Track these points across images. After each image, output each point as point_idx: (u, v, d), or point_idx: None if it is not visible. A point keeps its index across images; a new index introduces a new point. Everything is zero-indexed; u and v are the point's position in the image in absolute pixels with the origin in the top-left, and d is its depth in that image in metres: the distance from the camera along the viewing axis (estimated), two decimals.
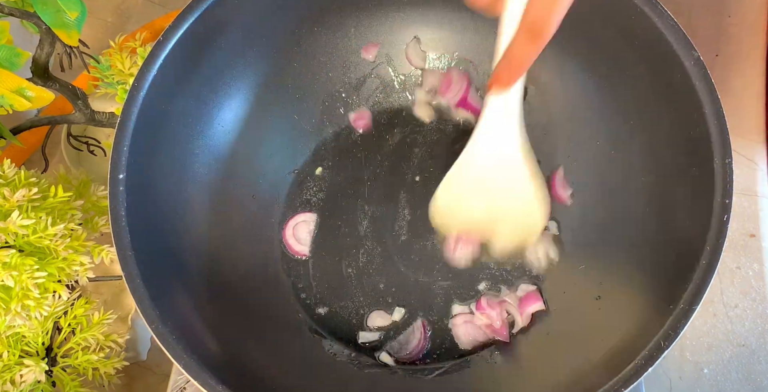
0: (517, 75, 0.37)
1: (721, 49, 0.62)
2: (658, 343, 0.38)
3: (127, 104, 0.43)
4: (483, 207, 0.47)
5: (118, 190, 0.41)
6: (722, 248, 0.39)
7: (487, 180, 0.45)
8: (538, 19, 0.32)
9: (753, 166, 0.59)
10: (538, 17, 0.32)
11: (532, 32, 0.33)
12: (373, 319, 0.53)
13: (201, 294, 0.47)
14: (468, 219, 0.49)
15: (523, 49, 0.34)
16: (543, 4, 0.31)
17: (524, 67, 0.36)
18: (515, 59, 0.35)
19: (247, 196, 0.55)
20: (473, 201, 0.47)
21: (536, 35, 0.33)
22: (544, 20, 0.32)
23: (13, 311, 0.42)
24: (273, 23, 0.52)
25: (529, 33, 0.33)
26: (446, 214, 0.49)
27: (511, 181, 0.45)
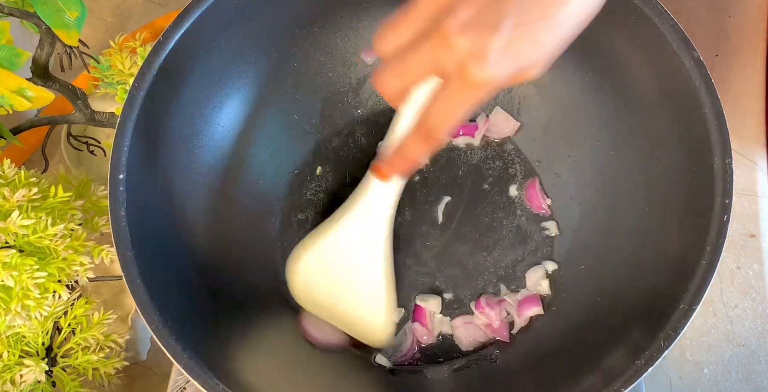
0: (404, 169, 0.38)
1: (721, 49, 0.62)
2: (658, 343, 0.39)
3: (127, 104, 0.43)
4: (336, 291, 0.46)
5: (118, 190, 0.41)
6: (722, 248, 0.39)
7: (345, 265, 0.45)
8: (433, 126, 0.33)
9: (753, 166, 0.59)
10: (433, 124, 0.33)
11: (426, 135, 0.34)
12: None
13: (201, 294, 0.47)
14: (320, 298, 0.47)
15: (415, 147, 0.36)
16: (439, 114, 0.33)
17: (412, 164, 0.37)
18: (406, 155, 0.36)
19: (247, 195, 0.55)
20: (329, 283, 0.46)
21: (430, 139, 0.34)
22: (439, 128, 0.33)
23: (13, 311, 0.42)
24: (273, 23, 0.52)
25: (423, 135, 0.34)
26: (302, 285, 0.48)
27: (366, 273, 0.44)
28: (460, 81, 0.31)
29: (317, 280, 0.46)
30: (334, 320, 0.48)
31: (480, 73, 0.30)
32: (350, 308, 0.46)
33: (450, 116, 0.33)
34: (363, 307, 0.46)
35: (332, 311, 0.47)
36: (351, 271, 0.45)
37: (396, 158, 0.38)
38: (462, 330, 0.52)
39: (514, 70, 0.30)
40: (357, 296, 0.45)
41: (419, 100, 0.34)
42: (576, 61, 0.51)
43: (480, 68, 0.29)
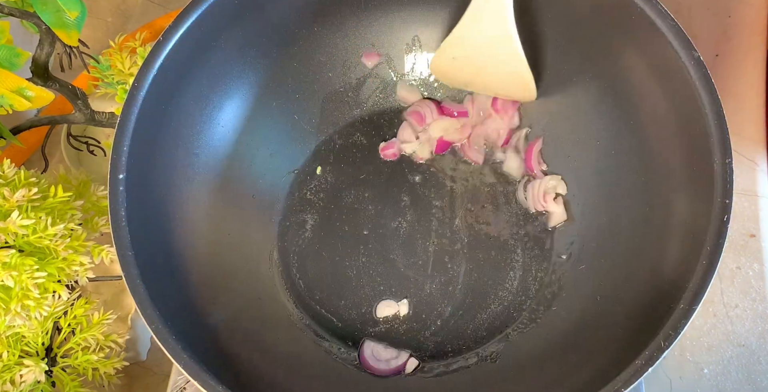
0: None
1: (721, 49, 0.62)
2: (658, 343, 0.38)
3: (127, 104, 0.43)
4: (478, 75, 0.51)
5: (118, 189, 0.41)
6: (722, 248, 0.39)
7: (481, 54, 0.49)
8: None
9: (753, 166, 0.59)
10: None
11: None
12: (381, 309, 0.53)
13: (201, 294, 0.47)
14: (465, 77, 0.53)
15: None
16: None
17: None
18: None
19: (247, 195, 0.55)
20: (467, 68, 0.52)
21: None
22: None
23: (13, 311, 0.42)
24: (273, 23, 0.52)
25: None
26: (443, 69, 0.53)
27: (504, 57, 0.49)
28: None
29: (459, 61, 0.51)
30: (480, 88, 0.55)
31: None
32: (494, 75, 0.51)
33: None
34: (506, 72, 0.50)
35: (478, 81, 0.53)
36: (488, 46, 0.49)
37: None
38: None
39: None
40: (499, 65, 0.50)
41: None
42: (576, 61, 0.51)
43: None
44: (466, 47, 0.49)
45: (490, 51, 0.49)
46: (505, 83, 0.52)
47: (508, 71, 0.50)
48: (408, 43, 0.58)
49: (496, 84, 0.53)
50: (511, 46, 0.47)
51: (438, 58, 0.52)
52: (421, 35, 0.57)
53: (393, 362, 0.51)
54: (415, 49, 0.58)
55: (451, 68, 0.53)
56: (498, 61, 0.50)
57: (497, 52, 0.49)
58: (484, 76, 0.52)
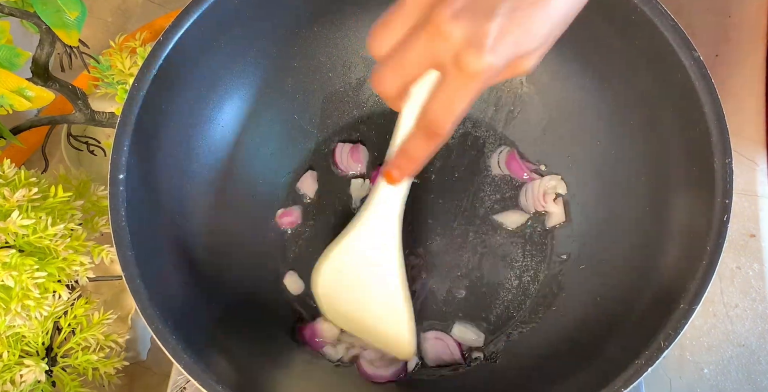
0: (412, 170, 0.37)
1: (721, 49, 0.62)
2: (658, 343, 0.38)
3: (127, 104, 0.43)
4: (357, 303, 0.46)
5: (118, 189, 0.41)
6: (722, 248, 0.39)
7: (362, 274, 0.44)
8: (435, 122, 0.33)
9: (753, 166, 0.59)
10: (435, 120, 0.33)
11: (428, 132, 0.34)
12: None
13: (201, 294, 0.47)
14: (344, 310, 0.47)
15: (419, 146, 0.35)
16: (440, 109, 0.32)
17: (419, 163, 0.36)
18: (412, 155, 0.36)
19: (247, 195, 0.55)
20: (350, 295, 0.46)
21: (433, 135, 0.34)
22: (441, 123, 0.33)
23: (13, 311, 0.42)
24: (273, 23, 0.52)
25: (427, 132, 0.34)
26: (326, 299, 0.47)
27: (383, 286, 0.44)
28: (458, 72, 0.30)
29: (339, 293, 0.46)
30: (360, 333, 0.48)
31: (477, 61, 0.29)
32: (373, 320, 0.46)
33: (451, 110, 0.32)
34: (385, 319, 0.45)
35: (357, 324, 0.47)
36: (369, 281, 0.44)
37: (401, 159, 0.37)
38: (431, 343, 0.51)
39: (511, 58, 0.30)
40: (378, 307, 0.45)
41: (420, 99, 0.34)
42: (576, 61, 0.51)
43: (477, 56, 0.29)
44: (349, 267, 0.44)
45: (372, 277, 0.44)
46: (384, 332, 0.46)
47: (388, 317, 0.45)
48: None
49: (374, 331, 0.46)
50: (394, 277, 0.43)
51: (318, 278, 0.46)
52: None
53: (392, 367, 0.50)
54: None
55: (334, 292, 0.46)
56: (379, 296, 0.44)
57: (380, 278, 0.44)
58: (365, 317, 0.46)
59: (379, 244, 0.43)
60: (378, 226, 0.42)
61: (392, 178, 0.39)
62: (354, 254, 0.44)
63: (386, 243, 0.43)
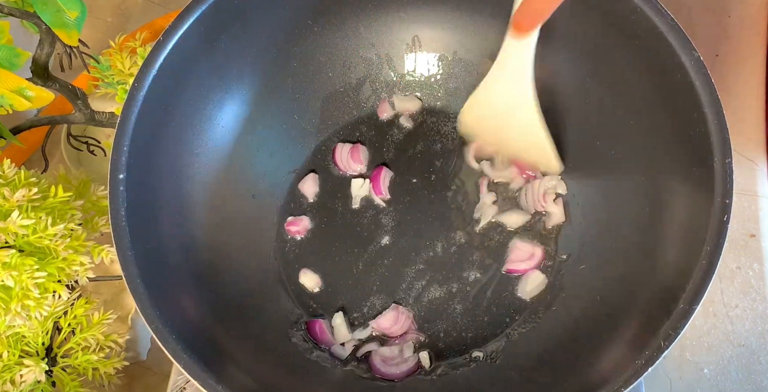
0: (538, 20, 0.38)
1: (721, 49, 0.62)
2: (658, 343, 0.38)
3: (127, 104, 0.43)
4: (501, 136, 0.51)
5: (118, 189, 0.41)
6: (722, 248, 0.39)
7: (501, 116, 0.48)
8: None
9: (753, 166, 0.59)
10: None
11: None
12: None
13: (201, 294, 0.47)
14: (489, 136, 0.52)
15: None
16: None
17: (545, 14, 0.37)
18: (537, 5, 0.37)
19: (247, 195, 0.55)
20: (492, 129, 0.51)
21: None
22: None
23: (13, 311, 0.42)
24: (273, 23, 0.52)
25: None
26: (470, 128, 0.52)
27: (523, 123, 0.48)
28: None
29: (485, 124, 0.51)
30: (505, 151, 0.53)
31: None
32: (517, 141, 0.51)
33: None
34: (528, 141, 0.50)
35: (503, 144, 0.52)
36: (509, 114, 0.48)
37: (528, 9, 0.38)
38: None
39: None
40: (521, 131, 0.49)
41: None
42: (575, 61, 0.51)
43: None
44: (490, 108, 0.49)
45: (511, 116, 0.49)
46: (528, 151, 0.52)
47: (529, 139, 0.50)
48: (408, 43, 0.58)
49: (521, 150, 0.52)
50: (532, 116, 0.47)
51: (464, 116, 0.52)
52: (421, 35, 0.57)
53: (403, 366, 0.51)
54: (415, 49, 0.58)
55: (478, 127, 0.52)
56: (519, 127, 0.49)
57: (518, 118, 0.48)
58: (509, 141, 0.52)
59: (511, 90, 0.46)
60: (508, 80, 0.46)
61: (522, 27, 0.40)
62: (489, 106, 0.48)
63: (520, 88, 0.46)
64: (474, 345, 0.52)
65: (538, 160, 0.52)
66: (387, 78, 0.59)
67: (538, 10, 0.38)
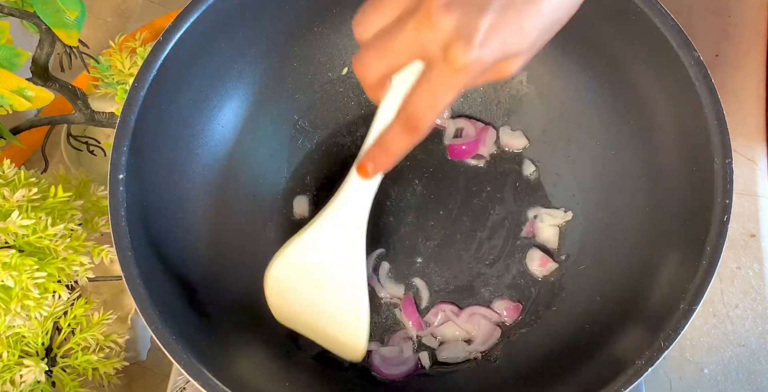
0: (388, 164, 0.36)
1: (721, 49, 0.62)
2: (658, 343, 0.38)
3: (127, 104, 0.43)
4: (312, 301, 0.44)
5: (118, 190, 0.41)
6: (722, 248, 0.39)
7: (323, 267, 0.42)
8: (416, 115, 0.32)
9: (753, 166, 0.59)
10: (415, 113, 0.32)
11: (408, 126, 0.33)
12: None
13: (201, 294, 0.47)
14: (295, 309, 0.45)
15: (397, 140, 0.34)
16: (422, 102, 0.31)
17: (396, 158, 0.35)
18: (388, 149, 0.35)
19: (246, 195, 0.55)
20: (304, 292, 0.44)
21: (412, 129, 0.33)
22: (422, 117, 0.32)
23: (12, 311, 0.42)
24: (273, 23, 0.52)
25: (406, 126, 0.33)
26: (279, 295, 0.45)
27: (343, 283, 0.42)
28: (444, 64, 0.29)
29: (292, 291, 0.44)
30: (310, 333, 0.46)
31: (465, 54, 0.28)
32: (327, 320, 0.44)
33: (433, 104, 0.31)
34: (340, 319, 0.44)
35: (308, 323, 0.45)
36: (328, 278, 0.43)
37: (377, 152, 0.36)
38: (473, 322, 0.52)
39: (498, 56, 0.29)
40: (334, 307, 0.43)
41: (401, 92, 0.33)
42: (576, 61, 0.51)
43: (465, 50, 0.28)
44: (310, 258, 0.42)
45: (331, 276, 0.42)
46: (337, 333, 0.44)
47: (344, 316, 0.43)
48: None
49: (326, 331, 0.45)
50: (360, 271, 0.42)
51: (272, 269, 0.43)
52: None
53: (403, 367, 0.51)
54: None
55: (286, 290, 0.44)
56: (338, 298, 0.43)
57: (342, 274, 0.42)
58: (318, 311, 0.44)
59: (344, 240, 0.41)
60: (345, 222, 0.41)
61: (366, 172, 0.37)
62: (315, 249, 0.42)
63: (352, 239, 0.41)
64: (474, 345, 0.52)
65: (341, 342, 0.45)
66: None
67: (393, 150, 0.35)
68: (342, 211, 0.40)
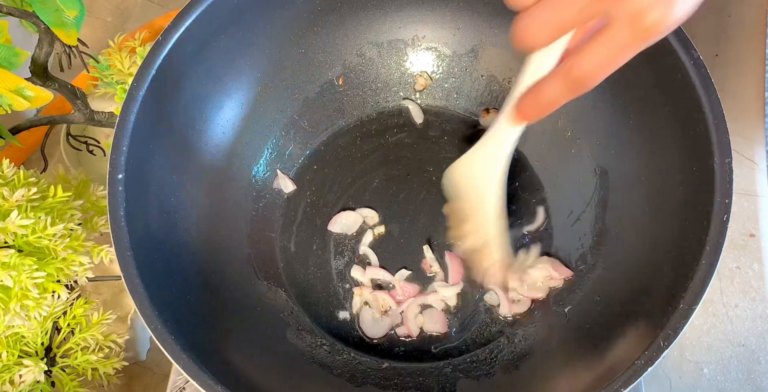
0: (544, 114, 0.35)
1: (721, 49, 0.62)
2: (658, 343, 0.38)
3: (127, 104, 0.43)
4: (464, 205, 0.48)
5: (118, 189, 0.41)
6: (722, 248, 0.39)
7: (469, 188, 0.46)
8: (587, 72, 0.31)
9: (753, 166, 0.59)
10: (587, 70, 0.30)
11: (575, 81, 0.31)
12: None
13: (200, 294, 0.47)
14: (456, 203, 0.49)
15: (558, 94, 0.33)
16: (598, 60, 0.30)
17: (552, 109, 0.34)
18: (547, 100, 0.33)
19: (246, 195, 0.55)
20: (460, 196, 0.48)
21: (579, 86, 0.31)
22: (593, 75, 0.30)
23: (12, 311, 0.42)
24: (272, 23, 0.51)
25: (573, 81, 0.31)
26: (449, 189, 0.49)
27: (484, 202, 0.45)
28: (632, 26, 0.27)
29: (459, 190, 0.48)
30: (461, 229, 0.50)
31: (666, 17, 0.27)
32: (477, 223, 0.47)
33: (610, 62, 0.29)
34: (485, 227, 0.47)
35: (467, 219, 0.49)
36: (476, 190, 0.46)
37: (536, 101, 0.34)
38: None
39: (692, 9, 0.28)
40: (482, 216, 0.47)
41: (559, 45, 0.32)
42: None
43: (666, 11, 0.26)
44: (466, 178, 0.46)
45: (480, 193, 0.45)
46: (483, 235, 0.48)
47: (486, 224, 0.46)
48: (408, 42, 0.58)
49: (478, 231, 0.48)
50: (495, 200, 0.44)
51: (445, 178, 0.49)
52: (421, 34, 0.57)
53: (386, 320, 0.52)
54: (416, 48, 0.58)
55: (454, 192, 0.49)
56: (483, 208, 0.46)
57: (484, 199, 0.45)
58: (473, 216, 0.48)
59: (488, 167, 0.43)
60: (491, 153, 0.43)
61: (525, 114, 0.36)
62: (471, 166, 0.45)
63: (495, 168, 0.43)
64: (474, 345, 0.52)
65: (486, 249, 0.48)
66: (387, 77, 0.59)
67: (550, 102, 0.33)
68: (491, 143, 0.42)
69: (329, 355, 0.52)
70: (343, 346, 0.52)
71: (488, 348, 0.51)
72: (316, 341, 0.52)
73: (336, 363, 0.51)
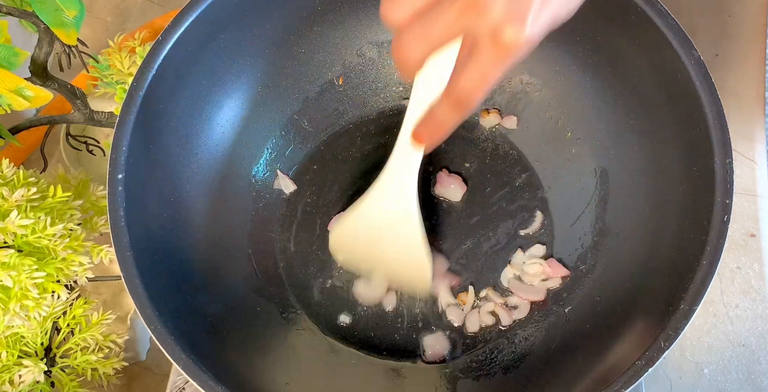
0: (439, 138, 0.36)
1: (721, 49, 0.62)
2: (658, 343, 0.38)
3: (126, 104, 0.43)
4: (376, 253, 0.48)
5: (117, 189, 0.41)
6: (722, 248, 0.39)
7: (382, 229, 0.46)
8: (466, 93, 0.32)
9: (753, 166, 0.59)
10: (465, 91, 0.32)
11: (458, 103, 0.33)
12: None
13: (200, 294, 0.47)
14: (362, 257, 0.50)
15: (448, 116, 0.34)
16: (472, 81, 0.31)
17: (448, 131, 0.35)
18: (440, 122, 0.35)
19: (246, 195, 0.55)
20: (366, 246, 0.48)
21: (462, 106, 0.33)
22: (472, 94, 0.32)
23: (11, 311, 0.42)
24: (272, 22, 0.51)
25: (456, 103, 0.33)
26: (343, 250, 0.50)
27: (403, 236, 0.45)
28: (493, 45, 0.29)
29: (355, 245, 0.48)
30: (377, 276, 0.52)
31: (518, 36, 0.28)
32: (391, 264, 0.48)
33: (483, 82, 0.31)
34: (404, 261, 0.47)
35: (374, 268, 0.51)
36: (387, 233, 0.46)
37: (430, 125, 0.36)
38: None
39: (549, 29, 0.29)
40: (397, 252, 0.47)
41: (436, 69, 0.33)
42: (576, 60, 0.51)
43: (518, 31, 0.28)
44: (369, 223, 0.46)
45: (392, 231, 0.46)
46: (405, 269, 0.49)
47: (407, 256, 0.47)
48: None
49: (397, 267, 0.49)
50: (415, 230, 0.45)
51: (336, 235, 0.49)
52: None
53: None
54: None
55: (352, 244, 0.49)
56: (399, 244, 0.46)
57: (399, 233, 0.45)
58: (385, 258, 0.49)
59: (397, 204, 0.44)
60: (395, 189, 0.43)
61: (422, 140, 0.37)
62: (371, 217, 0.45)
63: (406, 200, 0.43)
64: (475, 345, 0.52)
65: (413, 279, 0.49)
66: (387, 77, 0.59)
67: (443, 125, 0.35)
68: (392, 181, 0.42)
69: (329, 355, 0.52)
70: (343, 346, 0.52)
71: (488, 349, 0.51)
72: (316, 341, 0.52)
73: (336, 363, 0.51)
